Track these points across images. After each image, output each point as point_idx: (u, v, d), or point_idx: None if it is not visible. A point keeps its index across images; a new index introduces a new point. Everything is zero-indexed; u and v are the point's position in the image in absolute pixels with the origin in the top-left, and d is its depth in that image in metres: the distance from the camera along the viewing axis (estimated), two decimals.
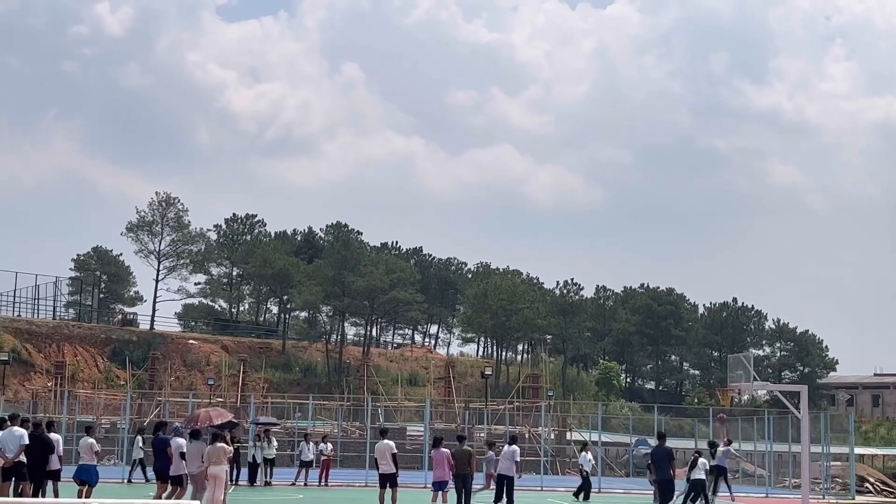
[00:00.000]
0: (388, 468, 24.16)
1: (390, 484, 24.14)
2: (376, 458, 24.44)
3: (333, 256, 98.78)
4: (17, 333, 77.54)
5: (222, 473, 22.80)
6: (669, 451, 24.94)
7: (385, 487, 24.08)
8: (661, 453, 24.62)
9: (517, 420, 60.11)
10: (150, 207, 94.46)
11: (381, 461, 24.26)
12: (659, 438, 25.40)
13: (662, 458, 24.54)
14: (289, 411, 58.96)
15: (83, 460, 23.42)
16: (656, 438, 25.65)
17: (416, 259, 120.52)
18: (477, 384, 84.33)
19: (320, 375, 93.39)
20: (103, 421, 56.22)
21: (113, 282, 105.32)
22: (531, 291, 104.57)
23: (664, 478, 24.38)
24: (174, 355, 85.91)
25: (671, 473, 24.60)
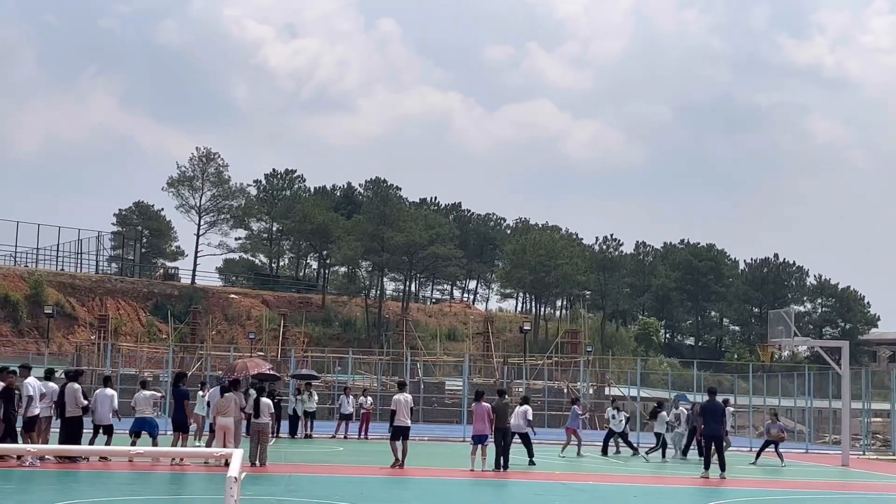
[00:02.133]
0: (404, 421, 24.31)
1: (403, 436, 24.31)
2: (393, 409, 24.56)
3: (372, 212, 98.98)
4: (61, 287, 78.49)
5: (231, 424, 23.05)
6: (722, 407, 24.99)
7: (398, 439, 24.25)
8: (713, 408, 24.67)
9: (556, 375, 60.24)
10: (191, 163, 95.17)
11: (399, 414, 24.40)
12: (710, 394, 25.42)
13: (715, 414, 24.58)
14: (329, 365, 59.35)
15: (141, 413, 23.72)
16: (707, 393, 25.69)
17: (455, 214, 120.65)
18: (515, 339, 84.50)
19: (360, 330, 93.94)
20: (146, 374, 56.91)
21: (154, 237, 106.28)
22: (570, 247, 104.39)
23: (714, 433, 24.41)
24: (215, 309, 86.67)
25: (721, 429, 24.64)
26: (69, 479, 20.47)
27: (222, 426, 23.01)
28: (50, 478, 20.56)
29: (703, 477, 24.22)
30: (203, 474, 22.02)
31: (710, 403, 24.92)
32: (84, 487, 19.46)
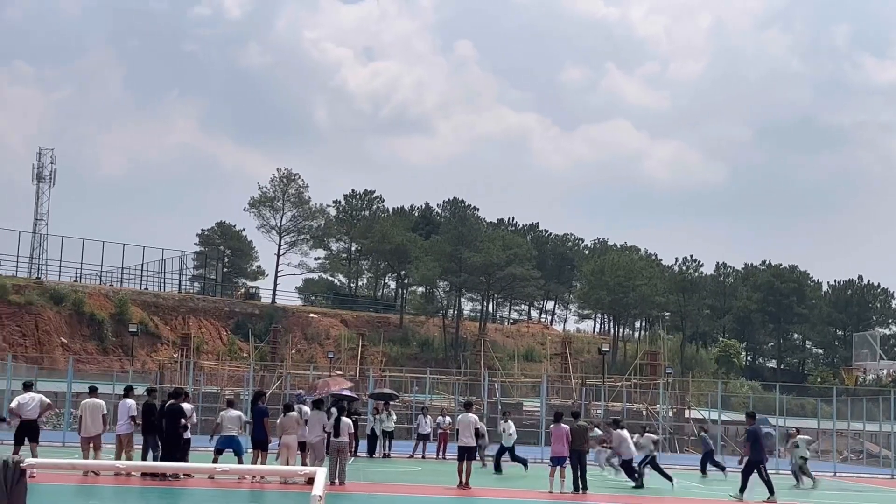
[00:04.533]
0: (469, 441, 24.35)
1: (468, 456, 24.32)
2: (458, 429, 24.63)
3: (450, 232, 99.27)
4: (145, 306, 79.94)
5: (293, 443, 23.33)
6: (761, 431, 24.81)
7: (463, 460, 24.27)
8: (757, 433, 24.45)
9: (634, 397, 59.76)
10: (272, 184, 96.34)
11: (462, 434, 24.45)
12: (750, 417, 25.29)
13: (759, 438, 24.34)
14: (406, 385, 59.61)
15: (227, 431, 24.11)
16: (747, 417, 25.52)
17: (533, 235, 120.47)
18: (594, 361, 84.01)
19: (437, 350, 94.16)
20: (227, 392, 57.66)
21: (236, 256, 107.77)
22: (649, 268, 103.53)
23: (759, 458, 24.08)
24: (295, 328, 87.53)
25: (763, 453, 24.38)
26: (153, 496, 20.89)
27: (285, 444, 23.33)
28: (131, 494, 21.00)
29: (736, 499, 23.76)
30: (282, 492, 22.29)
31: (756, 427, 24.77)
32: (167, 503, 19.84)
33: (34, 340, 68.70)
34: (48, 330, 70.11)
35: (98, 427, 24.90)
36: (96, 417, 24.98)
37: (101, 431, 24.94)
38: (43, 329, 69.86)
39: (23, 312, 69.62)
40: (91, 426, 24.87)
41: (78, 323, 72.91)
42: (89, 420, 24.97)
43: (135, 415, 24.70)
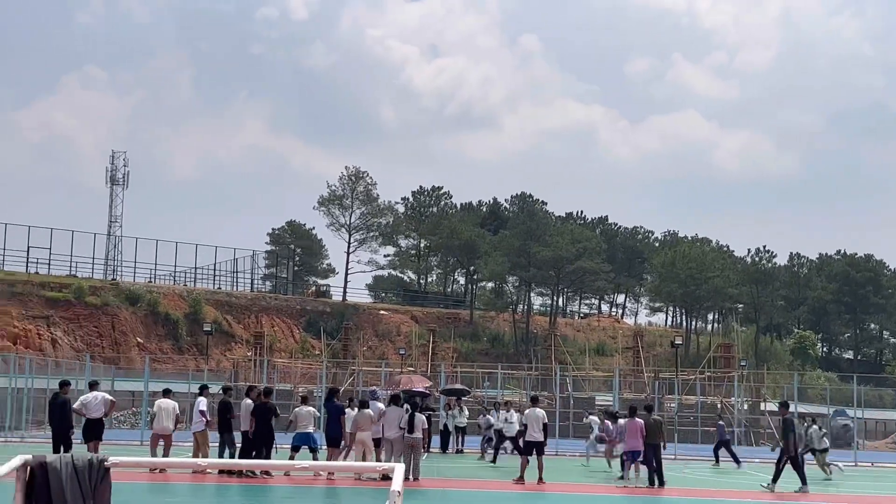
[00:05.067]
0: (538, 436, 24.24)
1: (537, 451, 24.22)
2: (526, 424, 24.50)
3: (519, 227, 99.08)
4: (218, 305, 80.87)
5: (369, 440, 23.40)
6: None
7: (531, 454, 24.17)
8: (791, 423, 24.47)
9: (708, 390, 59.15)
10: (341, 182, 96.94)
11: (531, 429, 24.33)
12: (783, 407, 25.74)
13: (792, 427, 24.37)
14: (478, 380, 59.60)
15: (302, 428, 24.29)
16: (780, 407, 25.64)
17: (602, 228, 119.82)
18: (666, 354, 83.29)
19: (508, 345, 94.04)
20: (300, 389, 58.12)
21: (306, 255, 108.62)
22: (721, 259, 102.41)
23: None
24: (366, 325, 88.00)
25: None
26: (230, 493, 21.11)
27: (360, 441, 23.41)
28: (208, 491, 21.23)
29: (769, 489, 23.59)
30: (357, 489, 22.40)
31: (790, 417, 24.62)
32: (247, 501, 20.03)
33: (111, 341, 69.88)
34: (124, 330, 71.27)
35: (170, 426, 25.41)
36: (169, 417, 25.52)
37: (172, 430, 25.43)
38: (119, 329, 71.03)
39: (99, 313, 70.83)
40: (162, 424, 25.40)
41: (153, 323, 74.01)
42: (163, 417, 25.53)
43: (204, 409, 25.00)
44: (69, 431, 24.18)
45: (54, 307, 69.13)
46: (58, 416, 24.19)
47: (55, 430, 24.20)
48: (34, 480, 6.91)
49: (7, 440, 38.18)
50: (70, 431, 24.21)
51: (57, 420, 24.18)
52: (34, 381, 42.69)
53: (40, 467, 6.92)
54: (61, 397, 24.52)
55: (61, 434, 24.06)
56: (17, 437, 38.80)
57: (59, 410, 24.21)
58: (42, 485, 6.88)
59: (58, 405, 24.32)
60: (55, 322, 68.22)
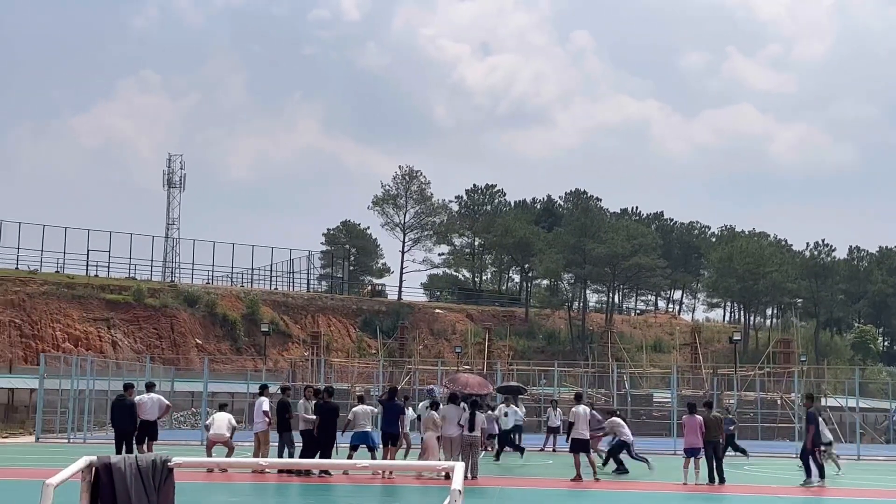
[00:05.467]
0: (583, 434, 24.18)
1: (583, 450, 24.18)
2: (571, 421, 24.39)
3: (573, 224, 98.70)
4: (275, 306, 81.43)
5: (433, 440, 23.38)
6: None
7: (578, 453, 24.10)
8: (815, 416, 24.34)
9: (768, 386, 58.52)
10: (395, 181, 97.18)
11: (578, 426, 24.21)
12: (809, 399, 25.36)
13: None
14: (534, 378, 59.46)
15: (361, 427, 24.41)
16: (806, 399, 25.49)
17: (658, 224, 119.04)
18: (724, 350, 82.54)
19: (564, 342, 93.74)
20: (357, 389, 58.34)
21: (361, 254, 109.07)
22: (779, 254, 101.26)
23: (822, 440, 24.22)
24: (421, 324, 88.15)
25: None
26: (291, 492, 21.26)
27: (426, 441, 23.43)
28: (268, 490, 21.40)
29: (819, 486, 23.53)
30: (417, 487, 22.44)
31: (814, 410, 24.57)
32: (307, 500, 20.15)
33: (170, 342, 70.66)
34: (183, 331, 72.03)
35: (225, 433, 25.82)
36: (223, 426, 25.91)
37: (228, 437, 25.77)
38: (178, 331, 71.80)
39: (159, 315, 71.66)
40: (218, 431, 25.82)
41: (211, 324, 74.72)
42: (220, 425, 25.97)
43: (267, 409, 25.22)
44: (132, 433, 24.57)
45: (114, 309, 70.05)
46: (122, 418, 24.59)
47: (118, 431, 24.58)
48: (99, 481, 7.01)
49: (70, 441, 38.77)
50: (133, 433, 24.59)
51: (121, 421, 24.56)
52: (95, 383, 43.26)
53: (105, 468, 7.01)
54: (128, 399, 24.91)
55: (124, 435, 24.45)
56: (80, 439, 39.37)
57: (126, 412, 24.62)
58: (107, 485, 6.97)
59: (126, 407, 24.70)
60: (115, 324, 69.13)
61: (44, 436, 39.78)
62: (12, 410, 50.91)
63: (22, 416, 49.15)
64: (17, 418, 49.23)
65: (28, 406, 49.32)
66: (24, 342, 64.05)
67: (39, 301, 66.90)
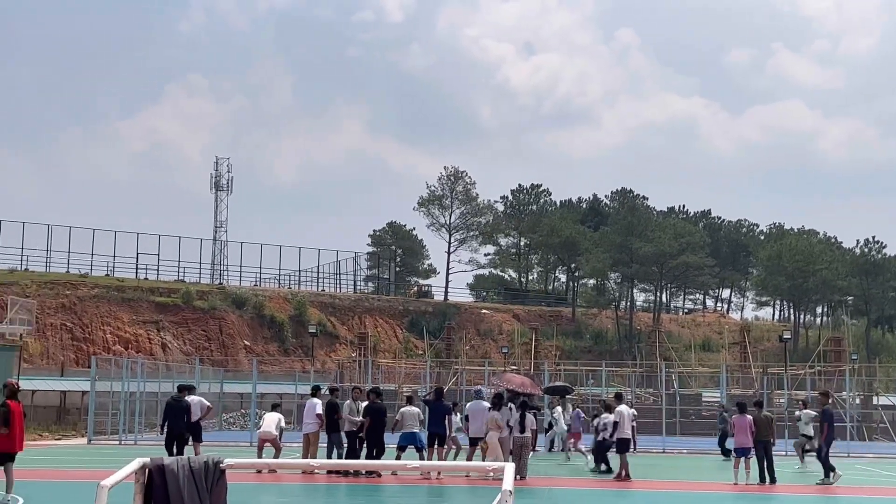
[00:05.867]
0: (627, 433, 24.42)
1: (625, 449, 24.38)
2: (616, 421, 24.48)
3: (620, 223, 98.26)
4: (322, 307, 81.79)
5: (495, 439, 23.39)
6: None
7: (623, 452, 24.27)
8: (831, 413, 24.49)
9: (818, 385, 57.88)
10: (440, 182, 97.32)
11: (621, 426, 24.50)
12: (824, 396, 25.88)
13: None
14: (581, 378, 59.27)
15: (409, 427, 24.48)
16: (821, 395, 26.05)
17: (705, 222, 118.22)
18: (774, 349, 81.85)
19: (611, 342, 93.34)
20: (404, 390, 58.45)
21: (407, 255, 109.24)
22: (829, 251, 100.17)
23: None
24: (468, 325, 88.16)
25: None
26: (340, 493, 21.34)
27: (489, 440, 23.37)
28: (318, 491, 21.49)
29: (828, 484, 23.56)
30: (466, 487, 22.43)
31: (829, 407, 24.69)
32: (356, 501, 20.22)
33: (219, 344, 71.20)
34: (231, 333, 72.56)
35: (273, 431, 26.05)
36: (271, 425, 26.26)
37: (275, 435, 26.06)
38: (227, 332, 72.34)
39: (207, 317, 72.24)
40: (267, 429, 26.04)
41: (259, 325, 75.20)
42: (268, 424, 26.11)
43: (321, 412, 25.36)
44: (183, 434, 24.86)
45: (164, 312, 70.73)
46: (177, 419, 24.90)
47: (171, 432, 24.86)
48: (152, 482, 7.08)
49: (121, 443, 39.18)
50: (184, 434, 24.88)
51: (174, 422, 24.87)
52: (146, 385, 43.71)
53: (158, 469, 7.08)
54: (184, 401, 25.21)
55: (177, 436, 24.74)
56: (131, 440, 39.79)
57: (181, 413, 24.93)
58: (160, 487, 7.04)
59: (182, 408, 24.99)
60: (165, 326, 69.79)
61: (96, 437, 40.25)
62: (64, 413, 51.56)
63: (74, 419, 49.75)
64: (69, 420, 49.85)
65: (80, 408, 49.90)
66: (76, 345, 64.83)
67: (90, 304, 67.69)
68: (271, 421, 26.57)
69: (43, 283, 67.79)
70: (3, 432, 15.68)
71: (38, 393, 49.87)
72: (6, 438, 15.80)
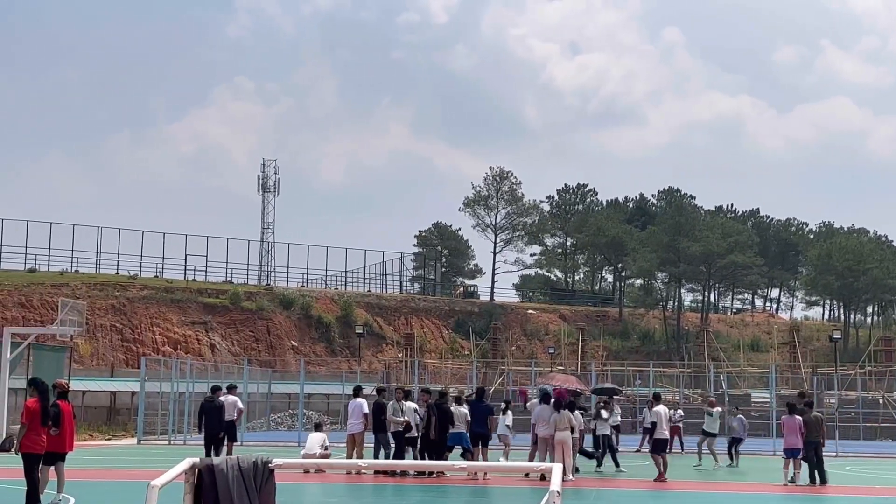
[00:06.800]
0: (663, 433, 24.52)
1: (662, 449, 24.42)
2: (654, 422, 24.48)
3: (667, 222, 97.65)
4: (369, 308, 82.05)
5: (568, 439, 23.25)
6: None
7: (659, 452, 24.28)
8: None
9: (869, 385, 57.24)
10: (485, 182, 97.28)
11: (659, 426, 24.58)
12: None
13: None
14: (629, 379, 58.99)
15: (456, 428, 24.50)
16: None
17: (753, 221, 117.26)
18: (824, 349, 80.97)
19: (658, 342, 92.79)
20: (451, 390, 58.43)
21: (453, 256, 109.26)
22: (880, 250, 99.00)
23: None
24: (514, 325, 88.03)
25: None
26: (387, 493, 21.39)
27: (560, 441, 23.25)
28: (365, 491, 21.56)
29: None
30: (513, 488, 22.40)
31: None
32: (403, 500, 20.26)
33: (266, 344, 71.64)
34: (279, 334, 72.97)
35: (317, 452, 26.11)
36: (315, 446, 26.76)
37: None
38: (274, 333, 72.77)
39: (255, 318, 72.71)
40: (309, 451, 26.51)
41: (306, 326, 75.56)
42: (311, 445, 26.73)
43: (366, 412, 25.45)
44: (220, 433, 25.25)
45: (212, 313, 71.28)
46: (211, 419, 25.26)
47: (207, 433, 25.23)
48: (202, 482, 7.13)
49: (171, 443, 39.53)
50: (221, 434, 25.28)
51: (209, 422, 25.22)
52: (195, 386, 44.08)
53: (208, 469, 7.13)
54: (217, 401, 25.55)
55: (213, 436, 25.12)
56: (180, 440, 40.13)
57: (214, 413, 25.30)
58: (210, 486, 7.09)
59: (215, 409, 25.36)
60: (213, 327, 70.34)
61: (145, 438, 40.64)
62: (115, 413, 52.13)
63: (124, 419, 50.29)
64: (119, 421, 50.40)
65: (129, 409, 50.43)
66: (125, 346, 65.51)
67: (139, 305, 68.38)
68: (315, 442, 26.73)
69: (93, 285, 68.56)
70: (54, 432, 15.88)
71: (89, 394, 50.47)
72: (56, 438, 15.99)
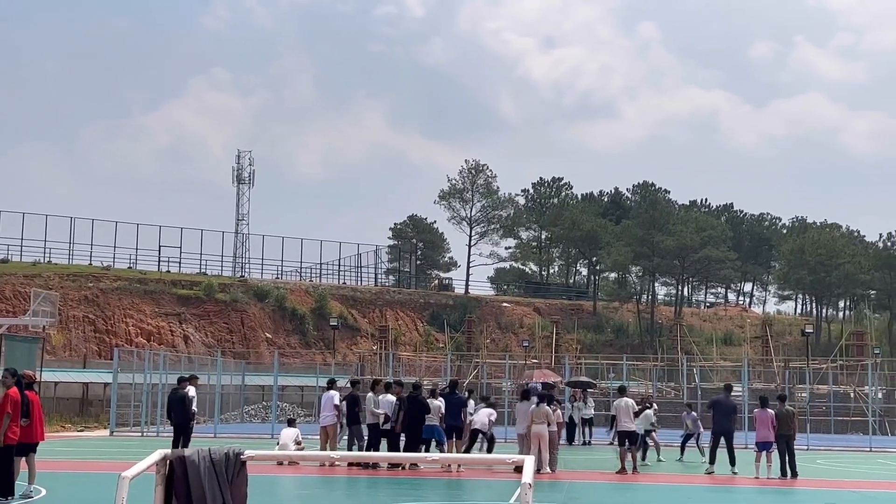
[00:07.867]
0: (628, 425, 24.45)
1: (630, 441, 24.36)
2: (614, 415, 24.75)
3: (641, 216, 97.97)
4: (343, 300, 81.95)
5: (544, 432, 23.33)
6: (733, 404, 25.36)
7: (624, 444, 24.32)
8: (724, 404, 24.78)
9: (841, 379, 57.66)
10: (461, 175, 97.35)
11: (621, 418, 24.61)
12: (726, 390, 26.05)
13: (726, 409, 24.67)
14: (602, 372, 59.15)
15: (429, 421, 24.55)
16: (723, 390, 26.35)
17: (727, 216, 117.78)
18: (796, 343, 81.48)
19: (632, 336, 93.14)
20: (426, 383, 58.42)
21: (428, 248, 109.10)
22: (852, 245, 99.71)
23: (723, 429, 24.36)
24: (488, 318, 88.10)
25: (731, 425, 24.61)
26: (360, 485, 21.38)
27: (536, 434, 23.34)
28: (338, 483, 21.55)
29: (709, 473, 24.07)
30: (486, 480, 22.44)
31: (723, 399, 25.01)
32: (376, 493, 20.27)
33: (240, 336, 71.42)
34: (253, 326, 72.77)
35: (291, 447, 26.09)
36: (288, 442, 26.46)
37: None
38: (248, 325, 72.56)
39: (229, 310, 72.47)
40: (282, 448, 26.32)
41: (281, 318, 75.39)
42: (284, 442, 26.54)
43: (338, 403, 25.47)
44: (188, 424, 25.39)
45: (186, 304, 70.99)
46: (178, 410, 25.38)
47: (175, 423, 25.36)
48: (173, 474, 7.11)
49: (143, 434, 39.39)
50: (188, 424, 25.41)
51: (176, 413, 25.35)
52: (168, 377, 43.87)
53: (179, 461, 7.11)
54: (180, 392, 25.67)
55: (181, 426, 25.25)
56: (153, 432, 39.98)
57: (178, 404, 25.41)
58: (181, 478, 7.07)
59: (177, 399, 25.51)
60: (187, 319, 70.06)
61: (118, 429, 40.47)
62: (87, 404, 51.84)
63: (96, 410, 50.02)
64: (91, 412, 50.13)
65: (102, 400, 50.17)
66: (98, 337, 65.17)
67: (112, 297, 68.01)
68: (288, 437, 26.69)
69: (66, 276, 68.14)
70: (24, 423, 15.81)
71: (61, 385, 50.17)
72: (27, 429, 15.92)
